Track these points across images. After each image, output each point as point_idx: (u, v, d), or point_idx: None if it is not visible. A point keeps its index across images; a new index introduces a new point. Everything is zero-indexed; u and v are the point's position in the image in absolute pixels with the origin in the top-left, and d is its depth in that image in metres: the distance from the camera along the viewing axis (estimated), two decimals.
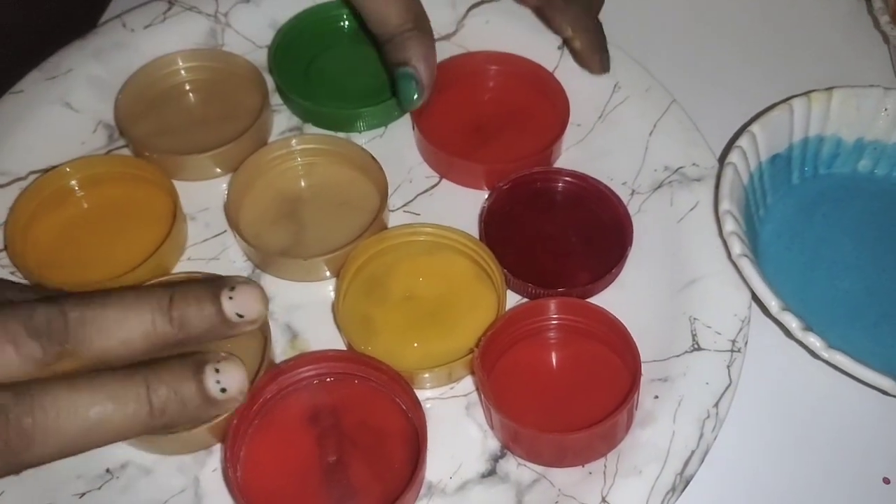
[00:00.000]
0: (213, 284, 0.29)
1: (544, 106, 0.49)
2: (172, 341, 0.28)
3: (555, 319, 0.40)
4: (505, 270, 0.42)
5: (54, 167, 0.45)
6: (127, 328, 0.28)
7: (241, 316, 0.29)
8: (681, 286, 0.43)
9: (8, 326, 0.27)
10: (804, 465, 0.40)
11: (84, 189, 0.45)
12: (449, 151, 0.46)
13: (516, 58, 0.50)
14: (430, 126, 0.47)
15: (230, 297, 0.29)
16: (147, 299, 0.28)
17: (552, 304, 0.40)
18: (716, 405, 0.39)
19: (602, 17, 0.52)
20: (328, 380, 0.40)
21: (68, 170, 0.45)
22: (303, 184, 0.47)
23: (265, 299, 0.29)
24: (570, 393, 0.40)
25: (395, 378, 0.39)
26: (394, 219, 0.46)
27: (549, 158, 0.47)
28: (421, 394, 0.40)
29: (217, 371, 0.28)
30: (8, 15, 0.51)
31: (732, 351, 0.40)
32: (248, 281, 0.29)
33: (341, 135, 0.49)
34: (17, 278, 0.43)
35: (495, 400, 0.37)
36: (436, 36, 0.52)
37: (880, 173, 0.47)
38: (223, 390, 0.28)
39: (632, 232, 0.44)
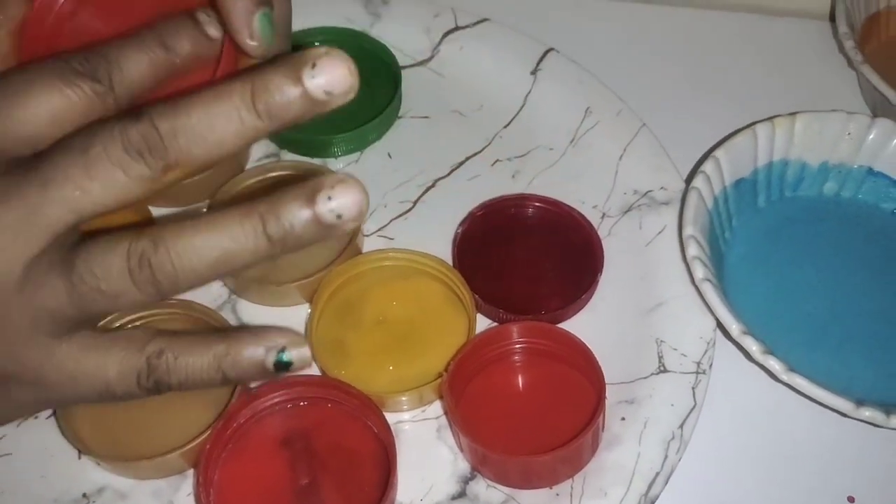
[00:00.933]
0: (292, 65, 0.27)
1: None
2: (266, 132, 0.28)
3: (521, 343, 0.41)
4: (476, 295, 0.43)
5: None
6: (218, 131, 0.27)
7: (329, 93, 0.27)
8: (648, 309, 0.44)
9: (110, 153, 0.27)
10: (769, 487, 0.41)
11: None
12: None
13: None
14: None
15: (312, 77, 0.26)
16: (229, 98, 0.27)
17: (518, 328, 0.41)
18: (681, 426, 0.40)
19: (574, 45, 0.53)
20: (301, 404, 0.41)
21: None
22: None
23: (352, 68, 0.27)
24: (539, 416, 0.40)
25: (365, 402, 0.39)
26: (368, 243, 0.47)
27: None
28: (393, 416, 0.41)
29: (330, 198, 0.27)
30: None
31: (697, 373, 0.41)
32: (329, 51, 0.27)
33: (317, 161, 0.49)
34: None
35: (463, 424, 0.38)
36: (412, 62, 0.54)
37: (846, 196, 0.48)
38: (339, 216, 0.27)
39: (603, 258, 0.45)
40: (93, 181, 0.27)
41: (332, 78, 0.27)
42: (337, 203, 0.27)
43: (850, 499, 0.40)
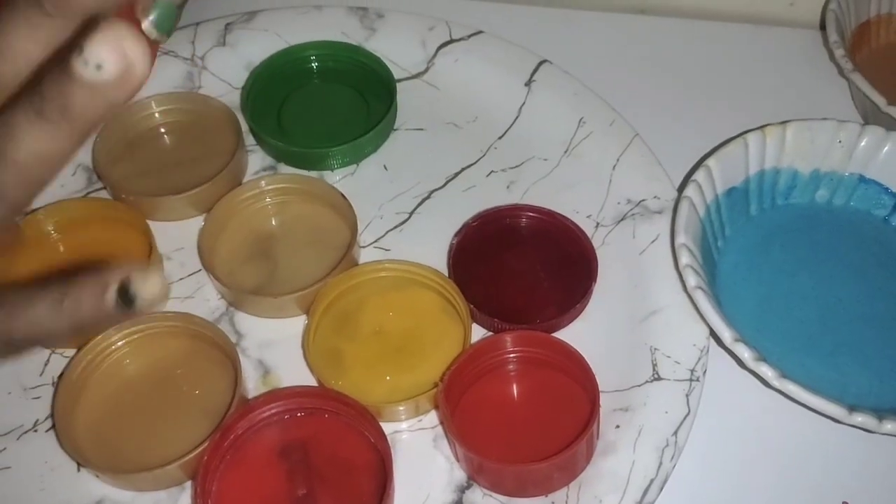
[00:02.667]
0: None
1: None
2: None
3: (516, 353, 0.41)
4: (471, 305, 0.43)
5: (32, 211, 0.46)
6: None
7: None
8: (642, 317, 0.44)
9: None
10: (763, 493, 0.41)
11: (61, 233, 0.47)
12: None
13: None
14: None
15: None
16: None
17: (513, 338, 0.41)
18: (675, 433, 0.40)
19: (567, 56, 0.54)
20: (298, 415, 0.41)
21: (41, 216, 0.46)
22: (275, 222, 0.48)
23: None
24: (534, 424, 0.41)
25: (362, 412, 0.40)
26: (365, 255, 0.47)
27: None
28: (390, 426, 0.41)
29: (82, 52, 0.25)
30: None
31: (691, 380, 0.41)
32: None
33: (314, 173, 0.50)
34: None
35: (459, 434, 0.38)
36: (407, 74, 0.54)
37: (838, 203, 0.49)
38: (98, 67, 0.25)
39: (597, 267, 0.45)
40: None
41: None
42: (89, 54, 0.24)
43: None
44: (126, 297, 0.27)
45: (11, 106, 0.27)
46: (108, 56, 0.25)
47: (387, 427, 0.40)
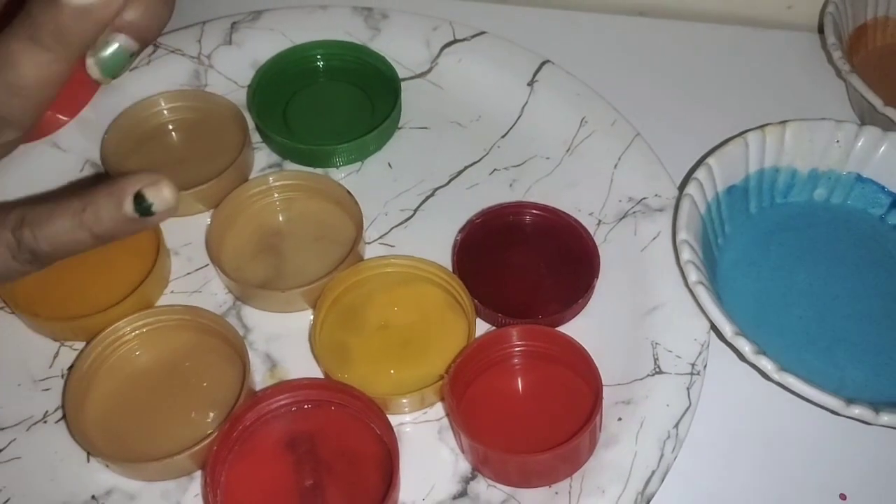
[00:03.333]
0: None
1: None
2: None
3: (521, 346, 0.42)
4: (476, 300, 0.44)
5: None
6: None
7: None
8: (644, 312, 0.45)
9: None
10: (761, 483, 0.41)
11: None
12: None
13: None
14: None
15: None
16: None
17: (517, 332, 0.42)
18: (676, 426, 0.41)
19: (570, 57, 0.55)
20: (305, 407, 0.42)
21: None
22: (281, 219, 0.49)
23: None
24: (537, 416, 0.41)
25: (368, 404, 0.40)
26: (370, 251, 0.48)
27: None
28: (395, 419, 0.41)
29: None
30: None
31: (692, 374, 0.42)
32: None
33: (319, 170, 0.51)
34: (6, 312, 0.45)
35: (464, 425, 0.39)
36: (411, 74, 0.55)
37: (835, 202, 0.49)
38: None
39: (599, 264, 0.46)
40: None
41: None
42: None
43: (843, 496, 0.41)
44: (143, 205, 0.29)
45: (3, 33, 0.28)
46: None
47: (392, 419, 0.41)
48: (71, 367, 0.43)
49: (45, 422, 0.42)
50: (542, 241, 0.48)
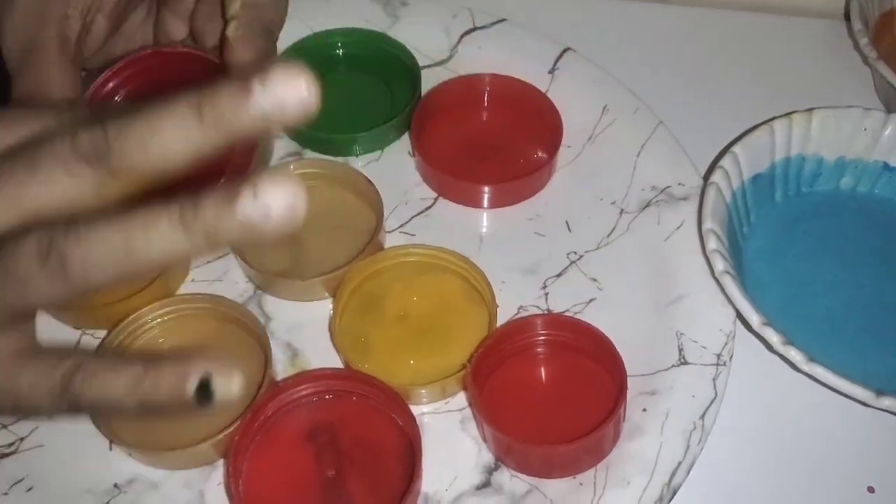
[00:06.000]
0: (239, 84, 0.24)
1: (538, 125, 0.51)
2: (213, 143, 0.25)
3: (544, 336, 0.42)
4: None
5: None
6: (163, 136, 0.25)
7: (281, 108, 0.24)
8: (668, 302, 0.44)
9: (57, 153, 0.26)
10: (789, 476, 0.41)
11: None
12: (446, 171, 0.48)
13: (510, 79, 0.51)
14: (427, 146, 0.49)
15: (262, 89, 0.24)
16: (177, 105, 0.25)
17: (541, 321, 0.42)
18: (702, 417, 0.40)
19: (591, 44, 0.54)
20: (327, 397, 0.41)
21: None
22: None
23: (309, 80, 0.24)
24: (560, 406, 0.41)
25: (390, 395, 0.40)
26: (390, 240, 0.48)
27: (544, 176, 0.49)
28: (416, 409, 0.41)
29: (255, 196, 0.24)
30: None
31: (718, 365, 0.42)
32: (283, 63, 0.24)
33: (339, 159, 0.50)
34: None
35: (487, 414, 0.39)
36: (431, 62, 0.54)
37: (862, 190, 0.49)
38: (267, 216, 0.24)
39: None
40: (35, 178, 0.26)
41: (281, 94, 0.24)
42: (262, 197, 0.24)
43: (871, 489, 0.41)
44: (205, 392, 0.26)
45: (160, 202, 0.25)
46: (280, 204, 0.24)
47: (414, 409, 0.40)
48: None
49: None
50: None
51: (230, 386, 0.26)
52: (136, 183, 0.26)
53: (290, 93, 0.24)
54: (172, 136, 0.25)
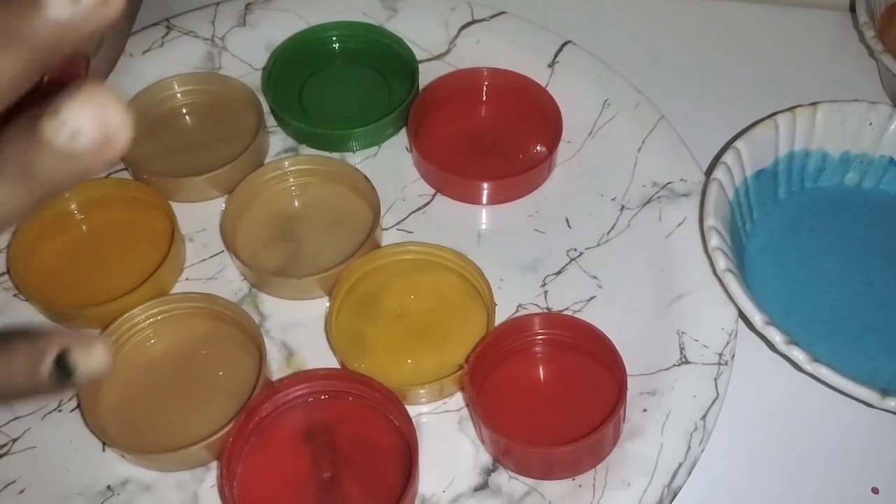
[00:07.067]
0: None
1: (538, 120, 0.50)
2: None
3: (542, 334, 0.41)
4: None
5: None
6: None
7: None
8: (669, 301, 0.44)
9: None
10: (792, 477, 0.40)
11: (84, 212, 0.47)
12: (444, 167, 0.47)
13: (508, 73, 0.51)
14: (425, 142, 0.49)
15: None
16: None
17: (539, 320, 0.41)
18: (703, 418, 0.40)
19: (591, 37, 0.53)
20: (322, 397, 0.41)
21: (67, 194, 0.46)
22: (297, 204, 0.48)
23: None
24: (560, 407, 0.40)
25: (386, 395, 0.39)
26: (387, 237, 0.47)
27: (544, 172, 0.48)
28: (414, 409, 0.41)
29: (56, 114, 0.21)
30: None
31: (719, 364, 0.41)
32: None
33: (335, 155, 0.50)
34: (21, 300, 0.44)
35: (485, 416, 0.38)
36: (429, 56, 0.54)
37: (867, 186, 0.48)
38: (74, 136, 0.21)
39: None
40: None
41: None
42: (66, 119, 0.21)
43: (875, 490, 0.40)
44: (64, 368, 0.24)
45: None
46: (88, 124, 0.21)
47: (411, 409, 0.40)
48: None
49: (60, 410, 0.42)
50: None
51: (91, 357, 0.23)
52: None
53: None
54: None
